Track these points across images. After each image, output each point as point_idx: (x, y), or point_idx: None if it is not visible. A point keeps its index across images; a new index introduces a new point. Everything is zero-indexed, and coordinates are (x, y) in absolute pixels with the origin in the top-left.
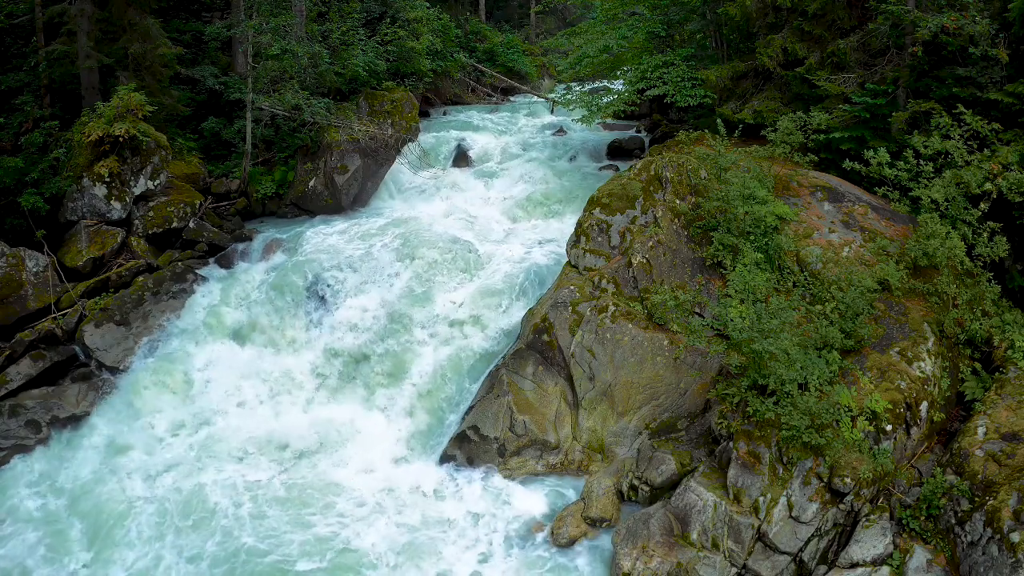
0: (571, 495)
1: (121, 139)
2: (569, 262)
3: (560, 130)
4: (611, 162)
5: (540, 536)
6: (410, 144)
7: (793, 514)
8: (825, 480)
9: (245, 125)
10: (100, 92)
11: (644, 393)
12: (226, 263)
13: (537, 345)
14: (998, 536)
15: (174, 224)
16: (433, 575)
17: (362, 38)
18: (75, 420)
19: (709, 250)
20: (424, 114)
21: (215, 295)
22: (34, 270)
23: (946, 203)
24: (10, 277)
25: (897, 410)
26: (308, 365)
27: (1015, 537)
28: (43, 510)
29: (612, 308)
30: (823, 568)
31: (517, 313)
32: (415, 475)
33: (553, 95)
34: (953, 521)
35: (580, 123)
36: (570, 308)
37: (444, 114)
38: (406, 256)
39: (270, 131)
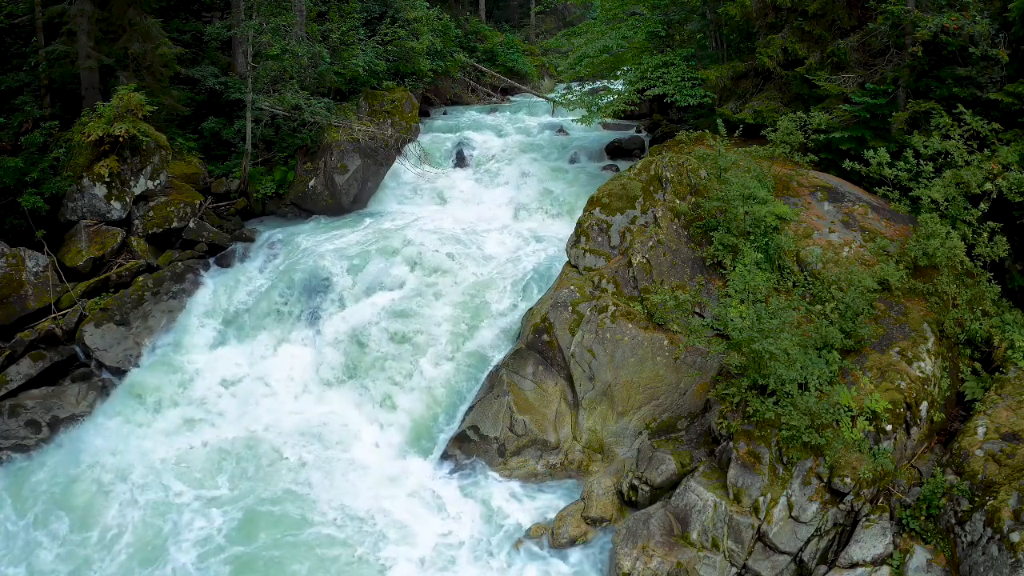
0: (571, 495)
1: (121, 139)
2: (569, 262)
3: (560, 130)
4: (611, 162)
5: (540, 536)
6: (410, 144)
7: (793, 514)
8: (825, 480)
9: (245, 125)
10: (100, 92)
11: (644, 393)
12: (226, 263)
13: (537, 345)
14: (998, 536)
15: (174, 224)
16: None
17: (362, 38)
18: (75, 420)
19: (709, 250)
20: (424, 114)
21: (215, 295)
22: (34, 270)
23: (946, 203)
24: (10, 277)
25: (897, 410)
26: (307, 365)
27: (1015, 537)
28: None
29: (612, 308)
30: (823, 568)
31: (517, 313)
32: (414, 475)
33: (553, 95)
34: (953, 521)
35: (580, 123)
36: (570, 308)
37: (444, 114)
38: (406, 256)
39: (270, 131)
